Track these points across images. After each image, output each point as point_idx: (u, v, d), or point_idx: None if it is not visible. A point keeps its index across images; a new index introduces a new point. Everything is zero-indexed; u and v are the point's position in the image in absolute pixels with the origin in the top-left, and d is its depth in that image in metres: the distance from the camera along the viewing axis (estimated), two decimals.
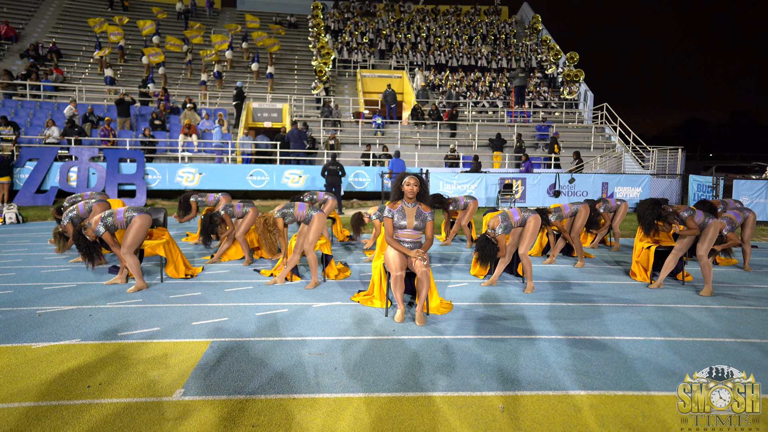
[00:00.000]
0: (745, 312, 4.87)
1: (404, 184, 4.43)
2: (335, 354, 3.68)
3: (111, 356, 3.58)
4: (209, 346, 3.78)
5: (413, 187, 4.41)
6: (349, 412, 2.86)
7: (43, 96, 18.33)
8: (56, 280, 5.70)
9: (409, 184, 4.41)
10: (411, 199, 4.44)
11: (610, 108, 20.04)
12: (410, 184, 4.41)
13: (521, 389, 3.16)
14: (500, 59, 25.22)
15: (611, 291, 5.60)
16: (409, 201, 4.46)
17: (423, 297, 4.37)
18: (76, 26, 24.34)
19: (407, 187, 4.41)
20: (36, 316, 4.43)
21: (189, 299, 5.05)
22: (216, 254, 6.89)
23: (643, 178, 14.52)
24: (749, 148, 52.39)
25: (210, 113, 17.80)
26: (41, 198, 13.36)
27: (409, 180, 4.43)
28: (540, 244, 7.66)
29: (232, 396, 3.01)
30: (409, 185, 4.41)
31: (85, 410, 2.83)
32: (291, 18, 28.41)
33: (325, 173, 12.94)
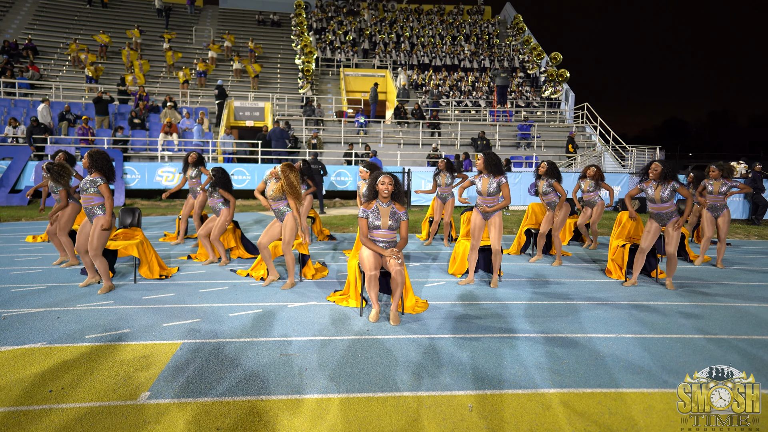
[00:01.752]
0: (714, 309, 4.94)
1: (379, 183, 4.41)
2: (308, 354, 3.65)
3: (77, 359, 3.50)
4: (179, 348, 3.72)
5: (388, 186, 4.38)
6: (317, 414, 2.83)
7: (18, 93, 17.94)
8: (26, 282, 5.57)
9: (384, 183, 4.39)
10: (386, 198, 4.42)
11: (590, 108, 20.27)
12: (385, 183, 4.39)
13: (492, 388, 3.16)
14: (483, 59, 25.34)
15: (587, 289, 5.65)
16: (383, 201, 4.44)
17: (398, 296, 4.36)
18: (53, 23, 23.88)
19: (382, 186, 4.39)
20: (1, 319, 4.32)
21: (162, 300, 4.97)
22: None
23: (622, 176, 14.70)
24: (729, 147, 53.41)
25: (191, 112, 17.59)
26: (16, 198, 13.07)
27: (384, 179, 4.40)
28: (518, 243, 7.70)
29: (198, 398, 2.96)
30: (384, 184, 4.39)
31: (45, 415, 2.76)
32: (274, 16, 28.23)
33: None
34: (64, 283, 5.58)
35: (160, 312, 4.59)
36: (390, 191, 4.39)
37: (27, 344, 3.76)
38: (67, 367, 3.38)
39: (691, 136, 70.41)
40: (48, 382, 3.15)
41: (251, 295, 5.23)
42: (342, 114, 20.27)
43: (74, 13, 25.12)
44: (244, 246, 7.21)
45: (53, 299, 4.94)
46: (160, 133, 15.94)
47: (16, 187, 13.27)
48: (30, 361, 3.47)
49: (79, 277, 5.83)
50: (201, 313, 4.58)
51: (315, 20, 26.85)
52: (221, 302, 4.93)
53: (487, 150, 10.88)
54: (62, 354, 3.59)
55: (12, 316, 4.38)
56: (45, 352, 3.62)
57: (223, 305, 4.83)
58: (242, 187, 14.88)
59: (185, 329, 4.14)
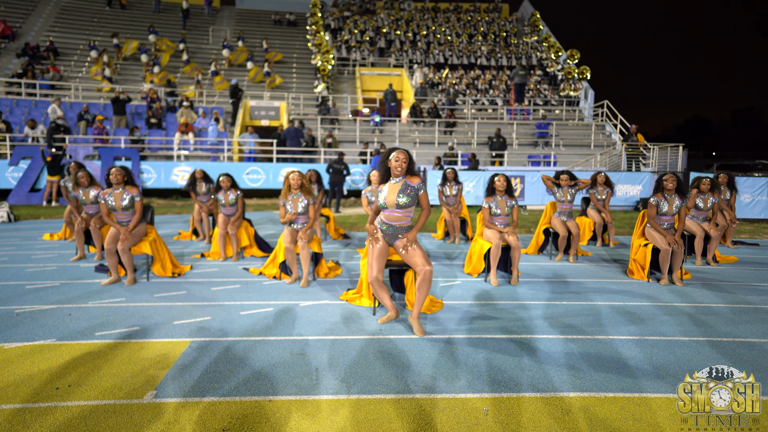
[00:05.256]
0: (745, 311, 4.72)
1: (392, 159, 3.93)
2: (319, 354, 3.55)
3: (85, 357, 3.46)
4: (188, 346, 3.65)
5: (402, 162, 3.92)
6: (325, 415, 2.73)
7: (38, 95, 18.24)
8: (40, 279, 5.58)
9: (398, 159, 3.92)
10: (398, 174, 3.97)
11: (610, 106, 19.88)
12: (399, 159, 3.92)
13: (509, 391, 3.02)
14: (500, 57, 25.04)
15: (607, 289, 5.46)
16: (395, 177, 4.00)
17: (420, 301, 3.96)
18: (74, 25, 24.25)
19: (395, 163, 3.92)
20: (13, 315, 4.31)
21: (173, 298, 4.93)
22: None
23: (643, 175, 14.35)
24: (752, 146, 52.09)
25: (207, 111, 17.69)
26: (36, 197, 13.26)
27: (398, 155, 3.93)
28: (536, 242, 7.52)
29: (205, 398, 2.89)
30: (398, 160, 3.92)
31: (50, 413, 2.70)
32: (290, 16, 28.28)
33: (329, 170, 12.84)
34: (78, 280, 5.58)
35: (171, 310, 4.54)
36: (403, 169, 3.97)
37: (37, 341, 3.73)
38: (75, 364, 3.33)
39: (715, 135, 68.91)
40: (55, 379, 3.10)
41: (263, 293, 5.16)
42: (357, 113, 20.20)
43: (94, 14, 25.48)
44: (257, 244, 7.16)
45: (66, 296, 4.93)
46: (176, 133, 16.05)
47: (36, 187, 13.46)
48: (39, 357, 3.43)
49: (93, 275, 5.84)
50: (212, 311, 4.52)
51: (331, 19, 26.83)
52: (233, 300, 4.87)
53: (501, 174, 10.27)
54: (71, 351, 3.55)
55: (24, 313, 4.37)
56: (54, 349, 3.58)
57: (234, 303, 4.76)
58: (257, 187, 14.90)
59: (195, 327, 4.07)
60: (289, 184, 5.55)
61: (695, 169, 19.01)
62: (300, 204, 5.56)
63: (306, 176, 5.70)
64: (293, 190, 5.57)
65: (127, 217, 5.47)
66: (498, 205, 5.78)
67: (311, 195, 5.61)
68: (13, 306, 4.57)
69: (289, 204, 5.59)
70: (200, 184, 7.96)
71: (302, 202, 5.56)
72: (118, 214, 5.45)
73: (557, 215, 6.99)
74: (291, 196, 5.60)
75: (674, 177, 5.69)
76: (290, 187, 5.55)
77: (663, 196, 5.73)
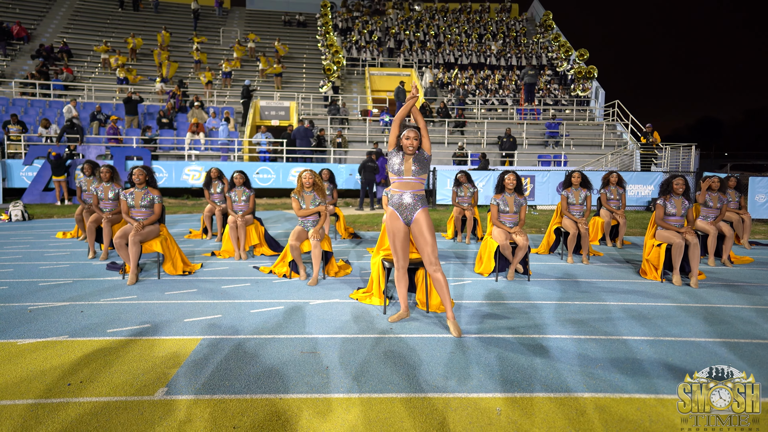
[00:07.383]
0: (762, 312, 4.63)
1: (403, 138, 3.96)
2: (329, 352, 3.53)
3: (97, 353, 3.47)
4: (199, 344, 3.65)
5: (413, 140, 3.93)
6: (336, 414, 2.71)
7: (52, 95, 18.44)
8: (53, 276, 5.62)
9: (409, 138, 3.93)
10: (411, 153, 3.97)
11: (621, 105, 19.70)
12: (410, 138, 3.93)
13: (522, 391, 2.98)
14: (510, 57, 24.92)
15: (620, 289, 5.39)
16: (408, 155, 4.00)
17: (447, 301, 3.97)
18: (87, 26, 24.52)
19: (407, 141, 3.94)
20: (27, 312, 4.34)
21: (184, 296, 4.94)
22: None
23: (655, 175, 14.20)
24: (765, 147, 51.38)
25: (217, 111, 17.77)
26: (50, 196, 13.40)
27: (409, 133, 3.94)
28: (547, 242, 7.45)
29: (216, 395, 2.88)
30: (409, 139, 3.93)
31: (62, 409, 2.71)
32: (300, 17, 28.37)
33: (362, 170, 12.88)
34: (90, 277, 5.62)
35: (182, 307, 4.55)
36: (415, 146, 3.97)
37: (49, 337, 3.75)
38: (87, 360, 3.35)
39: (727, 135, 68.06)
40: (67, 375, 3.11)
41: (274, 291, 5.15)
42: (367, 113, 20.19)
43: (107, 16, 25.75)
44: (267, 243, 7.17)
45: (78, 293, 4.96)
46: (187, 133, 16.15)
47: (50, 186, 13.60)
48: (51, 354, 3.45)
49: (105, 273, 5.87)
50: (222, 309, 4.52)
51: (341, 20, 26.87)
52: (243, 298, 4.87)
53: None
54: (83, 347, 3.56)
55: (37, 309, 4.40)
56: (66, 345, 3.60)
57: (244, 301, 4.76)
58: (268, 186, 14.94)
59: (206, 325, 4.08)
60: (301, 182, 5.61)
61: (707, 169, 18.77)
62: (312, 202, 5.61)
63: (318, 175, 5.75)
64: (306, 189, 5.63)
65: (144, 215, 5.58)
66: (506, 202, 5.75)
67: (323, 194, 5.69)
68: (26, 303, 4.61)
69: (301, 201, 5.65)
70: (215, 183, 8.07)
71: (314, 201, 5.62)
72: (136, 212, 5.57)
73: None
74: (304, 194, 5.68)
75: (683, 179, 5.69)
76: (303, 186, 5.61)
77: (670, 197, 5.70)
